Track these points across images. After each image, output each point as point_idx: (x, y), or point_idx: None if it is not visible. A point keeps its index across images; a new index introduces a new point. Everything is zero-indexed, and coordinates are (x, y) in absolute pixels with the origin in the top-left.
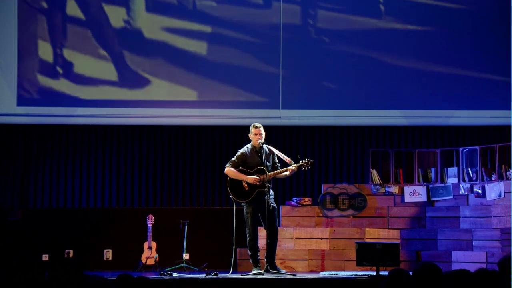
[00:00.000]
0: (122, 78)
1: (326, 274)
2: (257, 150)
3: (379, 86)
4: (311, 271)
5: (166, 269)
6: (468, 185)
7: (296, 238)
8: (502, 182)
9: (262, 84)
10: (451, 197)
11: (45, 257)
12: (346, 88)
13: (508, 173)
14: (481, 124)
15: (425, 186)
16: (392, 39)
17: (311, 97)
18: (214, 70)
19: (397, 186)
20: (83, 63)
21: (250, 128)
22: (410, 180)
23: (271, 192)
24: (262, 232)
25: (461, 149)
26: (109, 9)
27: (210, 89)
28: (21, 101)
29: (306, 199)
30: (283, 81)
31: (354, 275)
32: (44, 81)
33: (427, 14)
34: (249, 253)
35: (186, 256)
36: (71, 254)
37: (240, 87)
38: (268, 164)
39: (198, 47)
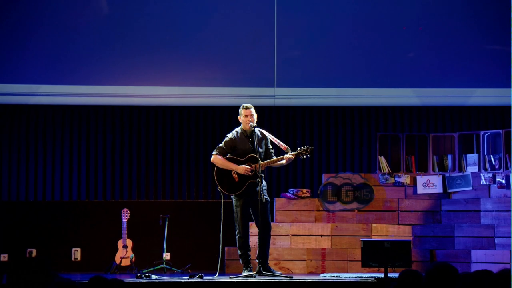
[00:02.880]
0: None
1: (327, 276)
2: (248, 135)
3: (387, 61)
4: (310, 273)
5: (143, 271)
6: (490, 175)
7: (292, 235)
8: None
9: (254, 59)
10: (471, 188)
11: (4, 257)
12: (349, 63)
13: None
14: (505, 105)
15: (440, 176)
16: (401, 7)
17: (309, 74)
18: (198, 42)
19: (409, 176)
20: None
21: (239, 110)
22: (423, 169)
23: (264, 183)
24: (253, 229)
25: (482, 133)
26: None
27: (194, 64)
28: None
29: (305, 190)
30: (278, 55)
31: (359, 277)
32: (2, 55)
33: None
34: (239, 252)
35: (166, 256)
36: (33, 254)
37: (229, 61)
38: (260, 150)
39: (180, 15)
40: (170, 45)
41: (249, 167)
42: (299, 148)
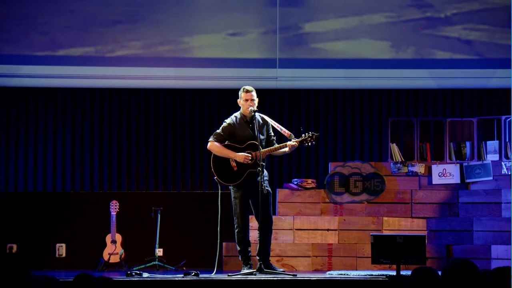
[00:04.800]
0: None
1: (333, 274)
2: (247, 120)
3: (400, 40)
4: (315, 271)
5: (134, 268)
6: None
7: (296, 229)
8: None
9: (255, 37)
10: (491, 178)
11: None
12: (358, 41)
13: None
14: None
15: (458, 165)
16: None
17: (315, 54)
18: (194, 18)
19: (423, 165)
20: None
21: (239, 93)
22: (439, 157)
23: (265, 172)
24: (253, 222)
25: (503, 117)
26: None
27: (190, 43)
28: None
29: (309, 181)
30: (281, 33)
31: (369, 275)
32: None
33: None
34: (238, 248)
35: (159, 252)
36: (14, 250)
37: (227, 40)
38: (261, 137)
39: None
40: (164, 25)
41: (248, 155)
42: (303, 135)
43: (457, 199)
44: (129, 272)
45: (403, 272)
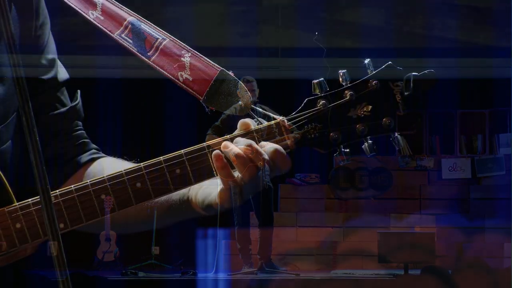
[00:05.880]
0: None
1: (338, 273)
2: (247, 112)
3: (408, 26)
4: (319, 270)
5: (129, 267)
6: None
7: (299, 226)
8: None
9: (254, 23)
10: (504, 172)
11: None
12: (366, 28)
13: None
14: None
15: (469, 159)
16: None
17: (320, 41)
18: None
19: (433, 159)
20: None
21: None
22: (449, 151)
23: (266, 167)
24: (254, 219)
25: None
26: None
27: (187, 31)
28: None
29: (313, 175)
30: (283, 19)
31: (376, 274)
32: None
33: None
34: (238, 246)
35: (155, 250)
36: (3, 248)
37: (225, 26)
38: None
39: None
40: (160, 10)
41: (248, 148)
42: (306, 126)
43: (468, 194)
44: (124, 271)
45: (411, 272)
